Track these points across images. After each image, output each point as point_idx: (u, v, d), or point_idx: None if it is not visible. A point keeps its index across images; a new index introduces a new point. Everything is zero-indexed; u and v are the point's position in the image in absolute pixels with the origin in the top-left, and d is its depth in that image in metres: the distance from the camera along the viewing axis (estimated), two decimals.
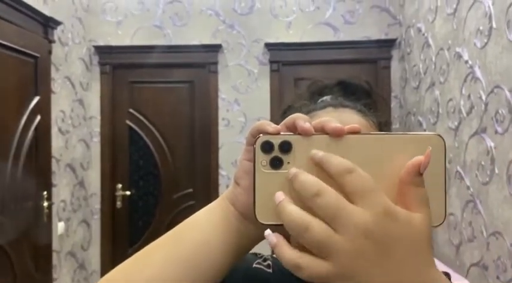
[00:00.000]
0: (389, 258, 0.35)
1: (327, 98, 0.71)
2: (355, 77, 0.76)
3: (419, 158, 0.37)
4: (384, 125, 0.70)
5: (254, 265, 0.66)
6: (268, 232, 0.39)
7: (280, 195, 0.38)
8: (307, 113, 0.68)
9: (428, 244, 0.37)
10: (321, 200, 0.35)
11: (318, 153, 0.38)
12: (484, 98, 1.99)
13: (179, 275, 0.44)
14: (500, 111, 1.83)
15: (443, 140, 0.40)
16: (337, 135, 0.40)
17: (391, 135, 0.40)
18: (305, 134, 0.40)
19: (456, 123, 2.32)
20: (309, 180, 0.37)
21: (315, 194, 0.36)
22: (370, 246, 0.35)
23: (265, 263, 0.67)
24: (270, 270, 0.66)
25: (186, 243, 0.46)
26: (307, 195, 0.36)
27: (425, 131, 2.80)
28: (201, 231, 0.46)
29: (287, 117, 0.69)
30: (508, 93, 1.77)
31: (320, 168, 0.39)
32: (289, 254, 0.36)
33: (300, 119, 0.42)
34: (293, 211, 0.36)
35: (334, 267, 0.35)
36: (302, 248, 0.36)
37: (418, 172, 0.37)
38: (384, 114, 0.72)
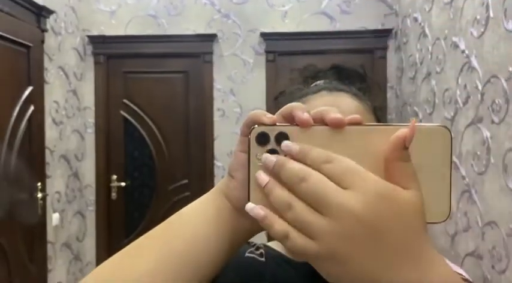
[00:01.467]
0: (381, 240, 0.34)
1: (320, 82, 0.70)
2: (349, 62, 0.74)
3: (404, 131, 0.36)
4: (378, 110, 0.69)
5: (247, 254, 0.65)
6: (251, 206, 0.38)
7: (263, 177, 0.38)
8: (300, 97, 0.66)
9: (421, 221, 0.35)
10: (306, 185, 0.35)
11: (295, 149, 0.37)
12: (480, 87, 1.98)
13: (171, 270, 0.43)
14: (496, 101, 1.83)
15: (450, 131, 0.38)
16: (337, 126, 0.38)
17: (395, 126, 0.38)
18: (303, 125, 0.38)
19: (452, 113, 2.31)
20: (294, 166, 0.36)
21: (301, 180, 0.35)
22: (359, 229, 0.33)
23: (258, 252, 0.66)
24: (263, 259, 0.64)
25: (178, 238, 0.44)
26: (293, 182, 0.36)
27: (421, 121, 2.80)
28: (194, 225, 0.45)
29: (279, 103, 0.67)
30: (504, 83, 1.76)
31: None
32: (279, 224, 0.36)
33: (297, 108, 0.39)
34: (279, 191, 0.36)
35: (320, 248, 0.34)
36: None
37: (404, 146, 0.35)
38: (379, 99, 0.70)
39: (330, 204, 0.34)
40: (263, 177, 0.38)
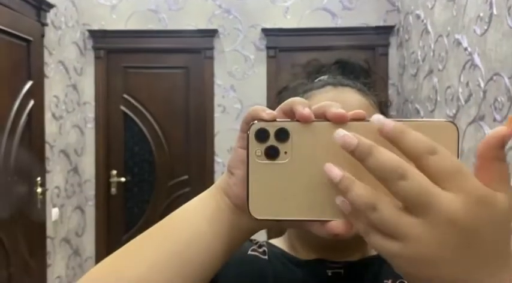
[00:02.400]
0: (476, 245, 0.32)
1: (324, 77, 0.68)
2: (353, 56, 0.73)
3: (502, 128, 0.33)
4: (383, 105, 0.67)
5: (249, 252, 0.64)
6: (341, 199, 0.35)
7: (337, 172, 0.34)
8: (304, 92, 0.64)
9: (510, 228, 0.33)
10: (406, 184, 0.31)
11: (389, 125, 0.33)
12: (482, 85, 1.97)
13: (170, 270, 0.41)
14: (499, 99, 1.82)
15: (457, 127, 0.36)
16: (339, 121, 0.36)
17: (400, 122, 0.36)
18: (304, 120, 0.37)
19: (454, 111, 2.30)
20: (391, 159, 0.32)
21: (400, 177, 0.31)
22: (455, 233, 0.31)
23: (261, 249, 0.65)
24: (266, 257, 0.63)
25: (178, 237, 0.43)
26: (389, 177, 0.32)
27: (422, 118, 2.79)
28: (194, 224, 0.44)
29: (282, 98, 0.66)
30: (507, 81, 1.75)
31: (328, 153, 0.36)
32: (358, 225, 0.34)
33: (298, 104, 0.38)
34: (361, 190, 0.33)
35: (406, 249, 0.32)
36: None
37: (502, 145, 0.33)
38: (384, 94, 0.69)
39: (429, 206, 0.31)
40: (336, 171, 0.34)
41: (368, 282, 0.60)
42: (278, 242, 0.68)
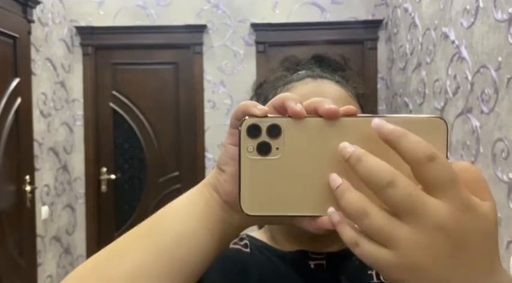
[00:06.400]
0: (462, 252, 0.32)
1: (302, 71, 0.69)
2: (329, 52, 0.74)
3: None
4: (361, 97, 0.68)
5: (231, 245, 0.64)
6: (331, 210, 0.36)
7: (337, 179, 0.35)
8: (284, 84, 0.65)
9: (496, 234, 0.34)
10: (394, 192, 0.31)
11: (388, 128, 0.33)
12: (470, 78, 1.99)
13: (159, 269, 0.40)
14: (486, 91, 1.84)
15: (446, 123, 0.36)
16: (332, 117, 0.37)
17: (390, 118, 0.36)
18: (297, 116, 0.37)
19: (442, 104, 2.32)
20: (380, 167, 0.32)
21: (388, 184, 0.32)
22: (444, 241, 0.31)
23: (242, 242, 0.65)
24: (248, 250, 0.63)
25: (167, 235, 0.42)
26: (377, 185, 0.32)
27: (411, 112, 2.81)
28: (183, 222, 0.43)
29: (262, 92, 0.67)
30: (494, 73, 1.77)
31: (311, 154, 0.36)
32: (349, 231, 0.34)
33: (290, 99, 0.38)
34: (353, 196, 0.34)
35: (397, 257, 0.32)
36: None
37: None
38: (361, 86, 0.70)
39: (417, 213, 0.32)
40: (336, 179, 0.35)
41: (351, 272, 0.61)
42: (259, 234, 0.68)
